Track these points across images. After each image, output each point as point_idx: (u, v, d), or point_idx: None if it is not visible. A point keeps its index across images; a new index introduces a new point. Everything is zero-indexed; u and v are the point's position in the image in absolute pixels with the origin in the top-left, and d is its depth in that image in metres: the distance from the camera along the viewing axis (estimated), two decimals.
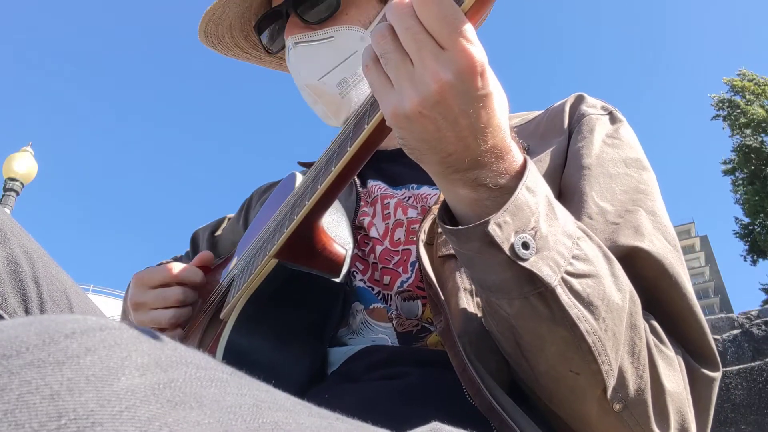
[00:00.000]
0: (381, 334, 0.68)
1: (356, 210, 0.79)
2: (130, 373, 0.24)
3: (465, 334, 0.56)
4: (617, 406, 0.49)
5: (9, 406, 0.21)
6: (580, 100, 0.77)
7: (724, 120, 20.06)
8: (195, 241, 1.12)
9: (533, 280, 0.45)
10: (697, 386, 0.57)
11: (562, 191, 0.67)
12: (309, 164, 0.94)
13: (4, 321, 0.26)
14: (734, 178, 20.34)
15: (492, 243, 0.45)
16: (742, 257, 20.48)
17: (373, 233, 0.75)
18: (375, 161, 0.58)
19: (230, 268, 0.85)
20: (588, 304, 0.47)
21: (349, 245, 0.71)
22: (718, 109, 20.39)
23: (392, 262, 0.71)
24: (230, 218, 1.10)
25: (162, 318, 0.77)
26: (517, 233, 0.45)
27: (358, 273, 0.73)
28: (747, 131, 19.45)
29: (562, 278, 0.46)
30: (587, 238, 0.51)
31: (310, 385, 0.66)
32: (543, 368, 0.50)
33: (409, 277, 0.69)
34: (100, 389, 0.22)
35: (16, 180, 7.71)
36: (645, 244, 0.58)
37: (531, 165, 0.49)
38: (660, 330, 0.56)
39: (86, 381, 0.23)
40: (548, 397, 0.52)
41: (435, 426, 0.39)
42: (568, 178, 0.67)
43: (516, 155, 0.49)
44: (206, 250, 0.87)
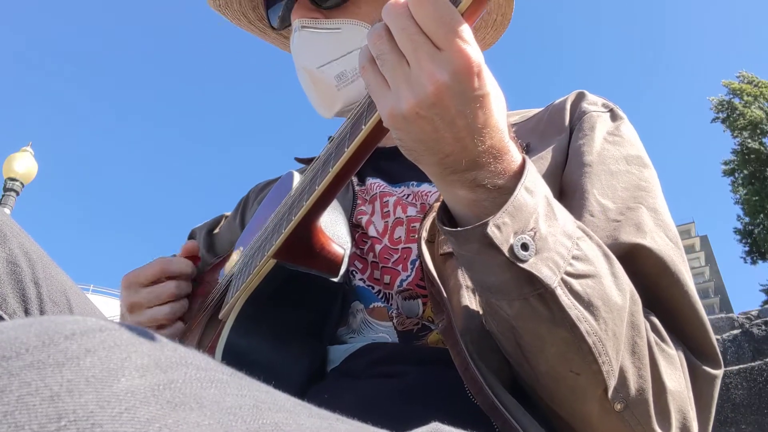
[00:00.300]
0: (382, 333, 0.68)
1: (353, 208, 0.79)
2: (129, 374, 0.24)
3: (467, 332, 0.56)
4: (618, 406, 0.49)
5: (9, 407, 0.21)
6: (581, 98, 0.76)
7: (723, 122, 20.07)
8: (193, 239, 1.11)
9: (533, 281, 0.45)
10: (699, 383, 0.57)
11: (562, 189, 0.67)
12: (306, 160, 0.94)
13: (4, 322, 0.26)
14: (734, 178, 20.35)
15: (491, 244, 0.45)
16: (742, 258, 20.47)
17: (371, 232, 0.75)
18: (374, 159, 0.58)
19: (228, 267, 0.85)
20: (588, 305, 0.46)
21: (348, 244, 0.70)
22: (717, 112, 20.40)
23: (392, 260, 0.71)
24: (227, 216, 1.09)
25: (159, 314, 0.77)
26: (516, 234, 0.45)
27: (357, 272, 0.73)
28: (746, 133, 19.46)
29: (562, 279, 0.46)
30: (587, 238, 0.51)
31: (309, 385, 0.66)
32: (543, 368, 0.50)
33: (408, 275, 0.69)
34: (99, 390, 0.22)
35: (16, 180, 7.72)
36: (647, 241, 0.58)
37: (530, 165, 0.49)
38: (661, 327, 0.55)
39: (86, 382, 0.23)
40: (549, 396, 0.52)
41: (435, 426, 0.39)
42: (569, 176, 0.67)
43: (515, 155, 0.48)
44: (193, 240, 0.87)
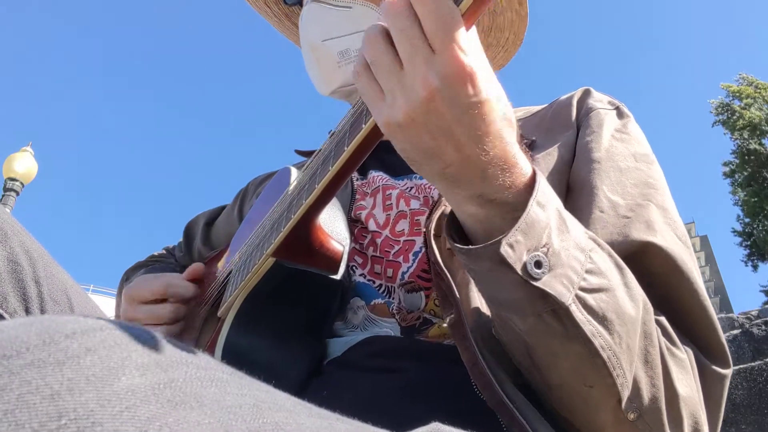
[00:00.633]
0: (386, 329, 0.68)
1: (351, 203, 0.78)
2: (130, 373, 0.24)
3: (476, 327, 0.55)
4: (632, 416, 0.48)
5: (9, 406, 0.21)
6: (587, 95, 0.76)
7: (724, 125, 20.05)
8: (189, 232, 1.11)
9: (546, 298, 0.44)
10: (708, 383, 0.57)
11: (570, 186, 0.67)
12: (306, 153, 0.94)
13: (5, 321, 0.26)
14: (734, 180, 20.33)
15: (503, 263, 0.43)
16: (743, 262, 20.43)
17: (371, 225, 0.74)
18: (376, 150, 0.57)
19: (226, 262, 0.84)
20: (602, 319, 0.46)
21: (347, 241, 0.70)
22: (717, 114, 20.37)
23: (393, 251, 0.71)
24: (226, 208, 1.08)
25: None
26: (529, 252, 0.44)
27: (357, 267, 0.73)
28: (745, 134, 19.44)
29: (576, 295, 0.45)
30: (599, 248, 0.50)
31: (309, 382, 0.66)
32: (556, 381, 0.49)
33: (410, 266, 0.69)
34: (100, 389, 0.22)
35: (16, 180, 7.71)
36: (657, 239, 0.57)
37: (540, 177, 0.47)
38: (671, 330, 0.55)
39: (86, 381, 0.23)
40: (561, 405, 0.51)
41: (435, 426, 0.39)
42: (577, 173, 0.67)
43: (524, 168, 0.46)
44: (197, 263, 0.87)
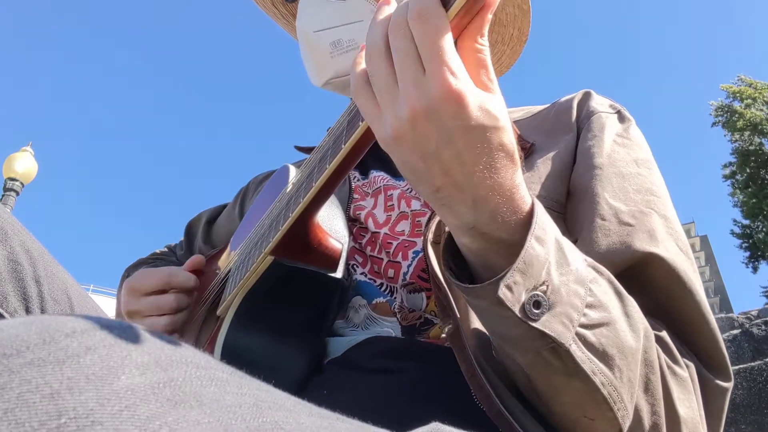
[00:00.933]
0: (387, 328, 0.68)
1: (349, 201, 0.78)
2: (130, 372, 0.24)
3: (474, 337, 0.55)
4: None
5: (9, 404, 0.21)
6: (587, 97, 0.76)
7: (724, 126, 20.02)
8: (190, 230, 1.11)
9: (546, 336, 0.43)
10: (710, 397, 0.56)
11: (571, 190, 0.67)
12: (305, 149, 0.94)
13: (5, 320, 0.26)
14: (734, 181, 20.29)
15: (501, 303, 0.42)
16: (744, 264, 20.39)
17: (370, 224, 0.74)
18: (377, 150, 0.57)
19: (226, 260, 0.84)
20: (603, 356, 0.45)
21: (345, 239, 0.70)
22: (717, 116, 20.34)
23: (391, 250, 0.71)
24: (227, 206, 1.08)
25: (157, 325, 0.76)
26: (528, 291, 0.42)
27: (358, 266, 0.73)
28: (745, 134, 19.42)
29: (576, 333, 0.44)
30: (599, 277, 0.49)
31: (309, 380, 0.66)
32: (557, 410, 0.49)
33: (409, 264, 0.69)
34: (100, 388, 0.22)
35: (16, 180, 7.71)
36: (659, 251, 0.57)
37: (538, 209, 0.45)
38: (672, 346, 0.54)
39: (86, 380, 0.23)
40: (560, 427, 0.51)
41: (435, 426, 0.39)
42: (578, 178, 0.67)
43: (521, 201, 0.45)
44: (198, 254, 0.87)
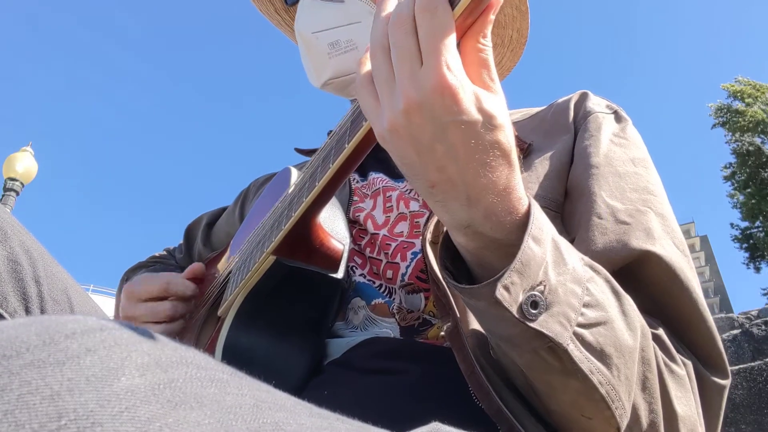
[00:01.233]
0: (385, 329, 0.68)
1: (349, 203, 0.79)
2: (130, 373, 0.24)
3: (473, 335, 0.55)
4: None
5: (9, 406, 0.21)
6: (584, 98, 0.76)
7: (723, 126, 19.99)
8: (190, 233, 1.11)
9: (543, 336, 0.43)
10: (707, 394, 0.56)
11: (569, 190, 0.67)
12: (306, 151, 0.94)
13: (5, 321, 0.26)
14: (734, 182, 20.25)
15: (498, 304, 0.42)
16: (745, 265, 20.32)
17: (369, 226, 0.75)
18: (376, 152, 0.57)
19: (226, 262, 0.85)
20: (600, 355, 0.45)
21: (347, 240, 0.70)
22: (717, 117, 20.30)
23: (390, 251, 0.71)
24: (227, 209, 1.08)
25: None
26: (525, 291, 0.42)
27: (357, 267, 0.73)
28: (746, 135, 19.39)
29: (574, 332, 0.44)
30: (596, 276, 0.48)
31: (309, 381, 0.66)
32: (555, 409, 0.49)
33: (408, 265, 0.69)
34: (100, 389, 0.22)
35: (16, 180, 7.72)
36: (656, 249, 0.57)
37: (535, 209, 0.45)
38: (669, 344, 0.54)
39: (86, 381, 0.23)
40: (559, 426, 0.51)
41: (435, 426, 0.39)
42: (575, 178, 0.67)
43: (517, 201, 0.44)
44: (198, 262, 0.87)
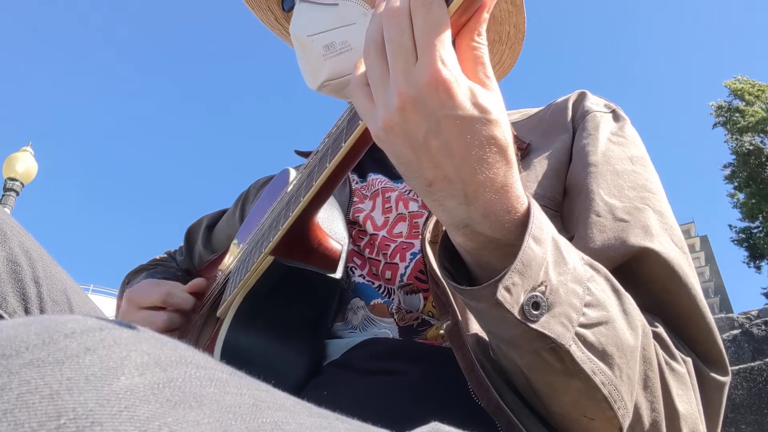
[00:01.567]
0: (384, 329, 0.68)
1: (349, 204, 0.79)
2: (129, 372, 0.24)
3: (473, 333, 0.55)
4: None
5: (8, 405, 0.21)
6: (582, 97, 0.77)
7: (724, 125, 19.97)
8: (190, 236, 1.11)
9: (545, 337, 0.43)
10: (707, 391, 0.56)
11: (567, 189, 0.67)
12: (305, 153, 0.94)
13: (4, 321, 0.26)
14: (734, 182, 20.24)
15: (500, 305, 0.42)
16: (745, 264, 20.30)
17: (369, 227, 0.75)
18: (374, 151, 0.57)
19: (226, 264, 0.85)
20: (602, 355, 0.45)
21: (345, 240, 0.70)
22: (718, 116, 20.29)
23: (389, 252, 0.71)
24: (227, 211, 1.09)
25: None
26: (526, 292, 0.42)
27: (356, 268, 0.73)
28: (746, 134, 19.38)
29: (576, 333, 0.43)
30: (596, 275, 0.48)
31: (309, 381, 0.66)
32: (556, 410, 0.49)
33: (407, 266, 0.69)
34: (99, 389, 0.22)
35: (16, 180, 7.72)
36: (654, 245, 0.57)
37: (535, 209, 0.44)
38: (669, 341, 0.54)
39: (86, 380, 0.23)
40: (560, 427, 0.51)
41: (435, 426, 0.39)
42: (574, 177, 0.67)
43: (516, 200, 0.44)
44: (201, 278, 0.87)
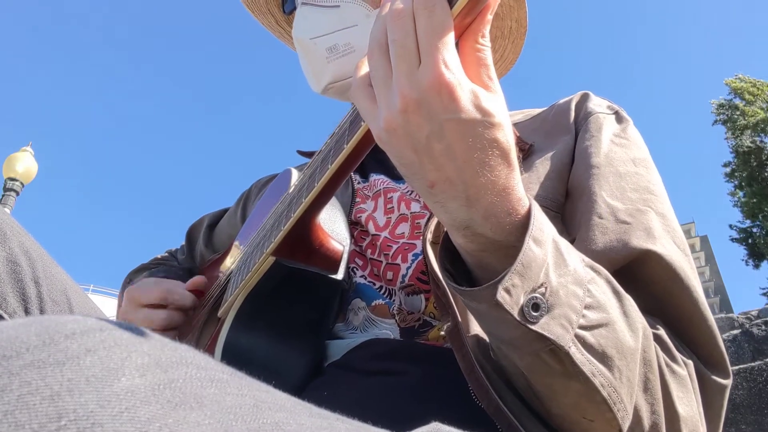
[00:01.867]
0: (385, 330, 0.68)
1: (351, 205, 0.79)
2: (130, 373, 0.24)
3: (473, 334, 0.55)
4: None
5: (9, 407, 0.21)
6: (585, 98, 0.76)
7: (725, 124, 19.95)
8: (192, 235, 1.11)
9: (545, 339, 0.43)
10: (709, 393, 0.56)
11: (569, 190, 0.67)
12: (308, 153, 0.94)
13: (4, 321, 0.26)
14: (734, 180, 20.23)
15: (499, 306, 0.42)
16: (744, 261, 20.32)
17: (371, 227, 0.75)
18: (377, 152, 0.57)
19: (227, 264, 0.85)
20: (602, 357, 0.45)
21: (347, 241, 0.70)
22: (719, 114, 20.27)
23: (391, 253, 0.71)
24: (228, 210, 1.09)
25: None
26: (526, 293, 0.42)
27: (358, 269, 0.73)
28: (746, 133, 19.37)
29: (576, 335, 0.43)
30: (597, 277, 0.48)
31: (309, 381, 0.66)
32: (556, 411, 0.49)
33: (408, 266, 0.69)
34: (100, 390, 0.22)
35: (16, 180, 7.72)
36: (657, 248, 0.57)
37: (536, 211, 0.44)
38: (670, 344, 0.54)
39: (86, 382, 0.23)
40: (560, 428, 0.51)
41: (435, 426, 0.39)
42: (576, 178, 0.67)
43: (517, 202, 0.44)
44: (200, 275, 0.87)
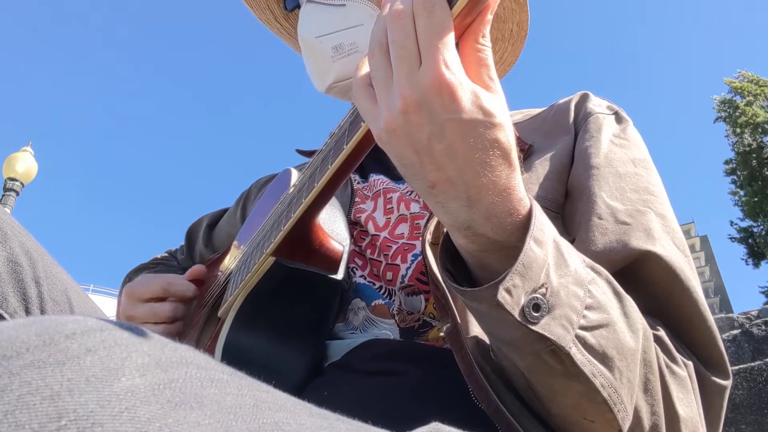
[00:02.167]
0: (385, 330, 0.68)
1: (351, 205, 0.79)
2: (130, 373, 0.24)
3: (473, 336, 0.55)
4: None
5: (9, 406, 0.21)
6: (585, 98, 0.76)
7: (726, 121, 19.94)
8: (191, 235, 1.11)
9: (545, 340, 0.43)
10: (708, 395, 0.56)
11: (569, 190, 0.67)
12: (307, 153, 0.94)
13: (5, 321, 0.26)
14: (735, 178, 20.22)
15: (500, 306, 0.42)
16: (743, 260, 20.31)
17: (370, 227, 0.75)
18: (376, 152, 0.57)
19: (227, 263, 0.85)
20: (603, 357, 0.45)
21: (347, 241, 0.70)
22: (720, 111, 20.24)
23: (390, 253, 0.71)
24: (228, 210, 1.09)
25: None
26: (527, 294, 0.42)
27: (357, 269, 0.73)
28: (747, 132, 19.36)
29: (576, 335, 0.43)
30: (597, 277, 0.48)
31: (309, 382, 0.66)
32: (556, 412, 0.49)
33: (408, 267, 0.69)
34: (100, 390, 0.22)
35: (16, 180, 7.72)
36: (656, 249, 0.57)
37: (537, 211, 0.44)
38: (670, 345, 0.54)
39: (86, 381, 0.23)
40: (560, 428, 0.51)
41: (435, 426, 0.39)
42: (576, 179, 0.67)
43: (518, 202, 0.44)
44: (199, 264, 0.87)
